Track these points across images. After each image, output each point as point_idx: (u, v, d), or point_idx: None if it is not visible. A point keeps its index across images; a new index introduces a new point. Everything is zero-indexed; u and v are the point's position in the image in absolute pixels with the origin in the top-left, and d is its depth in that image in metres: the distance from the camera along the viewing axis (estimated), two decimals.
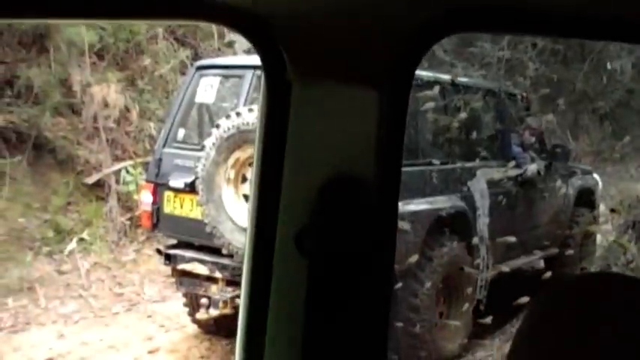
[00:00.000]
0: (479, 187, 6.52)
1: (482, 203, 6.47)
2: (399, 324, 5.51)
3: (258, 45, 1.04)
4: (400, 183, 1.06)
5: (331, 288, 1.03)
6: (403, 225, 5.11)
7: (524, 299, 4.90)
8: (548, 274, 6.08)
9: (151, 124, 9.17)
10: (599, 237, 8.59)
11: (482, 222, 6.46)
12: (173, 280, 6.80)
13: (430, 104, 5.74)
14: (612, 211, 7.69)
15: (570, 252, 7.52)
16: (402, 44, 1.01)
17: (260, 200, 1.05)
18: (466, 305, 6.09)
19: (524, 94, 7.98)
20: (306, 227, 1.02)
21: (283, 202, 1.03)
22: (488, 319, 6.13)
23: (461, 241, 6.06)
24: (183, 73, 9.56)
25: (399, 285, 5.34)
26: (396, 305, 5.34)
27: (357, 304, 1.04)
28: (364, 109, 1.02)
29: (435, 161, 5.87)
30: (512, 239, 6.24)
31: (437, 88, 5.78)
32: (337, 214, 1.02)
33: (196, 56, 9.57)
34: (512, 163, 6.86)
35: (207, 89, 6.15)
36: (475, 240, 6.26)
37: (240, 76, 6.09)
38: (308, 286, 1.03)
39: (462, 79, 6.90)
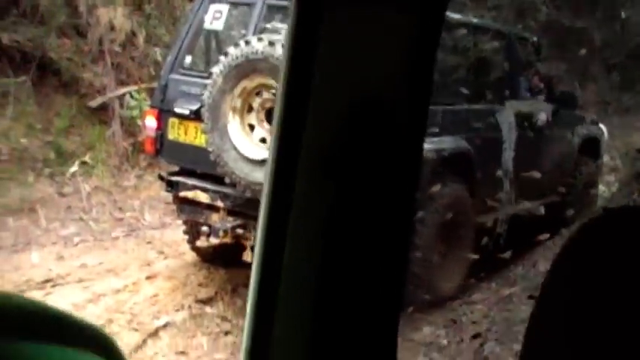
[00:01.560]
0: (507, 119, 6.56)
1: (509, 137, 6.53)
2: None
3: None
4: (428, 109, 1.04)
5: (354, 212, 1.02)
6: None
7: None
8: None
9: (157, 50, 9.08)
10: (601, 187, 8.62)
11: (508, 155, 6.53)
12: (173, 207, 6.82)
13: None
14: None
15: (570, 199, 7.56)
16: None
17: (285, 123, 1.02)
18: (465, 247, 6.12)
19: (535, 39, 7.91)
20: (334, 149, 1.00)
21: (310, 124, 1.00)
22: (507, 254, 6.24)
23: (463, 183, 6.06)
24: (191, 0, 9.44)
25: None
26: None
27: (378, 229, 1.03)
28: (397, 32, 0.99)
29: (441, 101, 5.81)
30: (538, 175, 6.30)
31: (444, 27, 5.70)
32: (365, 137, 1.00)
33: None
34: (542, 97, 6.95)
35: (216, 16, 6.06)
36: (499, 173, 6.34)
37: (250, 5, 5.99)
38: (330, 214, 1.01)
39: (472, 19, 6.82)
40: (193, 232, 6.22)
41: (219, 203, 5.63)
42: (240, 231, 5.59)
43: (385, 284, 1.06)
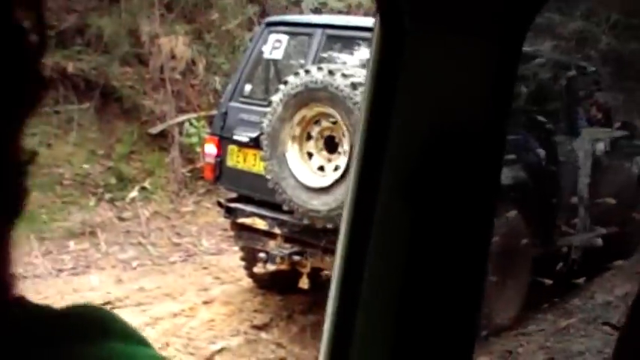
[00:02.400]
0: (583, 146, 6.55)
1: (585, 163, 6.52)
2: None
3: None
4: (506, 137, 1.06)
5: (434, 235, 1.04)
6: None
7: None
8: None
9: (216, 79, 9.23)
10: None
11: (583, 182, 6.51)
12: (230, 233, 6.89)
13: None
14: None
15: (629, 230, 7.43)
16: None
17: (367, 146, 1.05)
18: (521, 278, 6.05)
19: (594, 69, 7.85)
20: (415, 175, 1.02)
21: (390, 151, 1.03)
22: (582, 280, 6.20)
23: (519, 213, 6.00)
24: (250, 30, 9.59)
25: None
26: None
27: (456, 255, 1.05)
28: (477, 60, 1.02)
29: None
30: (613, 201, 6.29)
31: None
32: (444, 164, 1.03)
33: (264, 13, 9.58)
34: (617, 125, 6.94)
35: (275, 46, 6.15)
36: (574, 200, 6.33)
37: (309, 35, 6.08)
38: (410, 235, 1.04)
39: (530, 49, 6.80)
40: (250, 259, 6.27)
41: (277, 230, 5.68)
42: (296, 258, 5.62)
43: (463, 306, 1.08)
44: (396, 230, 1.05)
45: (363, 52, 6.16)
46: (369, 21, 7.04)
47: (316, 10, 9.90)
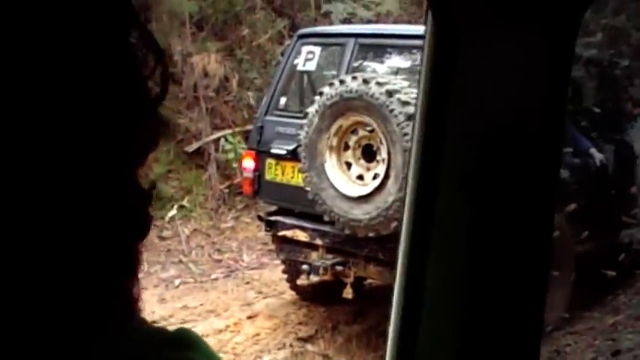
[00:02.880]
0: (639, 135, 6.51)
1: None
2: None
3: None
4: (564, 133, 1.05)
5: (495, 234, 1.03)
6: None
7: None
8: None
9: (250, 94, 9.28)
10: None
11: None
12: (270, 247, 6.90)
13: None
14: None
15: None
16: None
17: (424, 147, 1.04)
18: (566, 277, 5.96)
19: (627, 63, 7.78)
20: (474, 175, 1.01)
21: (447, 152, 1.02)
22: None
23: (559, 212, 5.92)
24: (280, 43, 9.64)
25: None
26: None
27: (518, 252, 1.03)
28: (531, 53, 1.00)
29: None
30: None
31: None
32: (503, 162, 1.01)
33: (293, 26, 9.61)
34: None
35: (308, 57, 6.17)
36: (633, 189, 6.27)
37: (342, 44, 6.08)
38: (471, 234, 1.02)
39: None
40: (292, 271, 6.28)
41: (318, 241, 5.68)
42: (339, 268, 5.61)
43: (526, 304, 1.06)
44: (457, 230, 1.03)
45: (394, 60, 6.15)
46: (400, 28, 7.05)
47: (345, 21, 9.92)
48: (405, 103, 4.91)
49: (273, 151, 5.91)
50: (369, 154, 5.27)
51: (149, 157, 0.67)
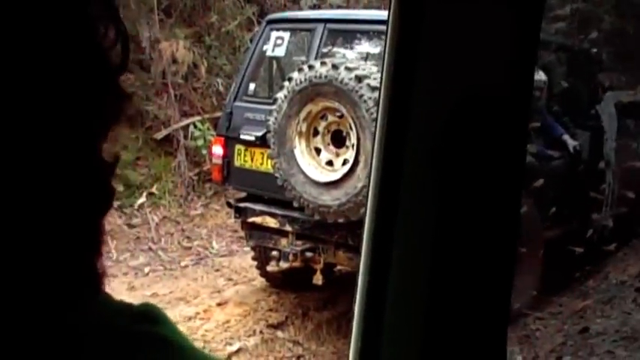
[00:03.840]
0: (607, 110, 6.54)
1: (611, 126, 6.51)
2: None
3: None
4: (531, 105, 1.04)
5: (462, 210, 1.02)
6: None
7: None
8: None
9: (219, 80, 9.22)
10: None
11: (609, 146, 6.49)
12: (240, 234, 6.87)
13: None
14: None
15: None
16: None
17: (389, 122, 1.03)
18: (533, 261, 6.00)
19: (595, 50, 7.83)
20: (439, 147, 1.00)
21: (414, 123, 1.01)
22: (612, 247, 6.19)
23: (528, 198, 5.95)
24: (249, 30, 9.58)
25: None
26: None
27: (486, 227, 1.02)
28: (498, 27, 1.00)
29: None
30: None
31: None
32: (470, 134, 1.00)
33: (262, 13, 9.55)
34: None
35: (277, 43, 6.13)
36: (601, 165, 6.32)
37: (311, 30, 6.06)
38: (438, 206, 1.01)
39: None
40: (262, 258, 6.26)
41: (288, 227, 5.66)
42: (309, 254, 5.60)
43: (493, 282, 1.05)
44: (423, 208, 1.02)
45: (364, 46, 6.14)
46: (369, 14, 7.03)
47: (315, 7, 9.88)
48: (375, 89, 4.90)
49: (242, 137, 5.88)
50: (338, 139, 5.25)
51: (117, 141, 0.67)
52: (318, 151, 5.31)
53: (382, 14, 6.29)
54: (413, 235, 1.03)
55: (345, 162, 5.16)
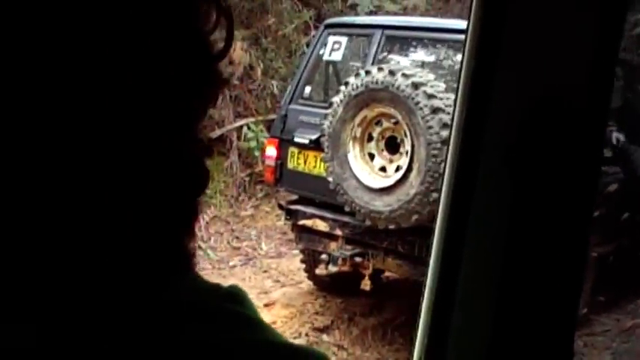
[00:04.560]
0: None
1: None
2: None
3: None
4: (609, 107, 1.03)
5: (536, 211, 1.02)
6: None
7: None
8: None
9: (274, 83, 9.26)
10: None
11: None
12: (289, 237, 6.89)
13: None
14: None
15: None
16: None
17: (466, 123, 1.03)
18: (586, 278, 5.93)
19: None
20: (516, 148, 1.00)
21: (491, 124, 1.01)
22: None
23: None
24: (306, 34, 9.62)
25: None
26: None
27: (559, 229, 1.02)
28: (579, 30, 0.99)
29: None
30: None
31: None
32: (547, 136, 1.00)
33: (319, 17, 9.58)
34: None
35: (334, 47, 6.15)
36: None
37: (368, 36, 6.06)
38: (512, 207, 1.01)
39: None
40: (311, 261, 6.28)
41: (338, 232, 5.67)
42: (358, 259, 5.60)
43: (563, 285, 1.05)
44: (498, 205, 1.02)
45: (420, 54, 6.12)
46: (427, 21, 7.01)
47: (372, 13, 9.87)
48: (431, 96, 4.89)
49: (296, 139, 5.90)
50: (392, 146, 5.25)
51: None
52: (371, 156, 5.32)
53: (439, 22, 6.28)
54: (485, 235, 1.03)
55: (398, 168, 5.15)
